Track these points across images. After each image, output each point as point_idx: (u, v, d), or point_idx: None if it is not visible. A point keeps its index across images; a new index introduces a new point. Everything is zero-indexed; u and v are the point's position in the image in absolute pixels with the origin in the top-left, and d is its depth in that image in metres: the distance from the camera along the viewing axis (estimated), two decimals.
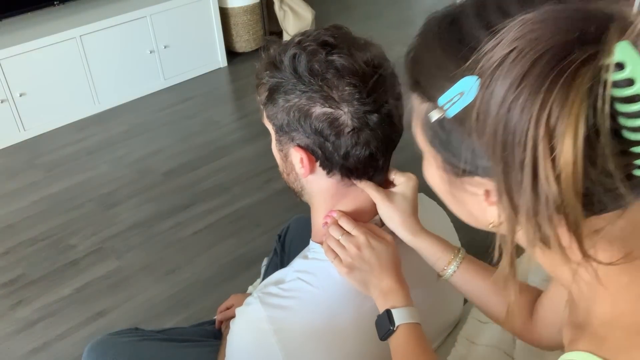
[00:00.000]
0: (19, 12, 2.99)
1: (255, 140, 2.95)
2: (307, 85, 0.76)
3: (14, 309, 2.07)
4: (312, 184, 0.85)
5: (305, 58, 0.76)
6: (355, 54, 0.77)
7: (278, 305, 0.83)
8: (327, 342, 0.83)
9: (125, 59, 3.28)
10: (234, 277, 2.13)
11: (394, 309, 0.79)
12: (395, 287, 0.80)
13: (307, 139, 0.79)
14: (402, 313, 0.78)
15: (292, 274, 0.86)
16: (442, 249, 0.86)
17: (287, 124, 0.79)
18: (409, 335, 0.78)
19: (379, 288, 0.81)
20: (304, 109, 0.77)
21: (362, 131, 0.77)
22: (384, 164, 0.84)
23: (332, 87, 0.75)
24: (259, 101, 0.84)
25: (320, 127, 0.77)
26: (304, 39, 0.78)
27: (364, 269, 0.81)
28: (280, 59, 0.79)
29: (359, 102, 0.76)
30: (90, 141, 3.03)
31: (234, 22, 3.64)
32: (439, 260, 0.86)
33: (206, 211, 2.47)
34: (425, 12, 0.54)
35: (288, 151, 0.83)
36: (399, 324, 0.78)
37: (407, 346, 0.77)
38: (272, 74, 0.80)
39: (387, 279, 0.80)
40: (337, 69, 0.75)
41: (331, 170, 0.82)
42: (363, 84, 0.76)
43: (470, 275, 0.86)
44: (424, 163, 0.59)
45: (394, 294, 0.80)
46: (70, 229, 2.42)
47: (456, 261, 0.86)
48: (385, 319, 0.79)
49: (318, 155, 0.80)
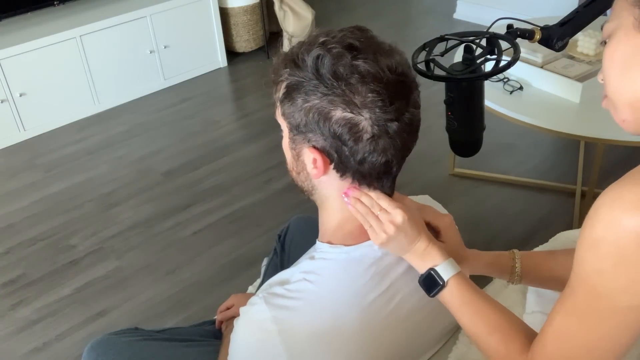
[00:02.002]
0: (19, 12, 3.00)
1: (255, 140, 2.95)
2: (329, 88, 0.75)
3: (14, 309, 2.07)
4: (324, 184, 0.85)
5: (329, 60, 0.75)
6: (381, 60, 0.76)
7: (283, 305, 0.82)
8: (332, 343, 0.83)
9: (125, 59, 3.28)
10: (234, 277, 2.13)
11: (437, 267, 0.83)
12: (429, 246, 0.84)
13: (323, 142, 0.78)
14: (446, 268, 0.83)
15: (298, 274, 0.86)
16: (497, 257, 0.96)
17: (305, 124, 0.78)
18: (460, 286, 0.82)
19: (414, 251, 0.84)
20: (324, 112, 0.76)
21: (380, 138, 0.77)
22: (397, 171, 0.84)
23: (355, 93, 0.75)
24: (275, 97, 0.83)
25: (339, 132, 0.76)
26: (329, 40, 0.77)
27: (400, 239, 0.83)
28: (303, 58, 0.78)
29: (381, 109, 0.75)
30: (90, 141, 3.04)
31: (234, 22, 3.64)
32: (504, 272, 0.96)
33: (206, 211, 2.47)
34: (425, 12, 0.54)
35: (301, 151, 0.82)
36: (447, 279, 0.82)
37: (462, 295, 0.82)
38: (292, 72, 0.79)
39: (420, 242, 0.84)
40: (361, 74, 0.75)
41: (344, 174, 0.81)
42: (386, 91, 0.75)
43: (533, 258, 0.96)
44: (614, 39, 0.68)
45: (430, 253, 0.83)
46: (70, 229, 2.42)
47: (517, 263, 0.94)
48: (431, 278, 0.83)
49: (333, 158, 0.79)
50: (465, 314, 0.82)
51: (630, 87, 0.67)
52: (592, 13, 1.17)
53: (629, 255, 0.59)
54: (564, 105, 2.04)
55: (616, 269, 0.61)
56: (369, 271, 0.86)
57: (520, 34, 1.14)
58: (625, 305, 0.62)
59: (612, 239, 0.60)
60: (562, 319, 0.69)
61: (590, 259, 0.63)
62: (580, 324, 0.67)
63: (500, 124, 2.27)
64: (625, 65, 0.67)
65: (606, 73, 0.70)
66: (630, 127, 0.70)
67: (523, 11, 3.58)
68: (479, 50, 1.10)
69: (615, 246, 0.60)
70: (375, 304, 0.85)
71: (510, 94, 2.14)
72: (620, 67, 0.67)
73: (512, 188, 2.48)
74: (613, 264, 0.60)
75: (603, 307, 0.64)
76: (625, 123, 0.70)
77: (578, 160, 2.52)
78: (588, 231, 0.63)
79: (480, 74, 1.08)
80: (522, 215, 2.32)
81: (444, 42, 1.15)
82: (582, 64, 2.12)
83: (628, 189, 0.60)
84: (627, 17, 0.66)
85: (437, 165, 2.60)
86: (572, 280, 0.68)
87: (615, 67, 0.68)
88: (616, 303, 0.63)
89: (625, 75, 0.67)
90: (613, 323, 0.64)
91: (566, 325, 0.69)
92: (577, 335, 0.68)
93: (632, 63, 0.66)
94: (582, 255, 0.64)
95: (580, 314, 0.67)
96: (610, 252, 0.60)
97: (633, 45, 0.65)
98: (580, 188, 2.34)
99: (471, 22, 4.00)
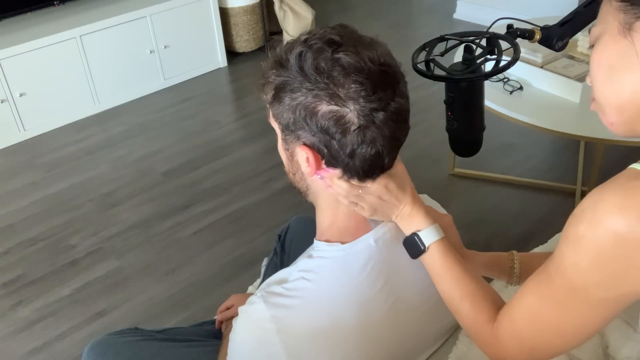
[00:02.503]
0: (19, 12, 3.00)
1: (255, 140, 2.95)
2: (313, 83, 0.76)
3: (14, 309, 2.07)
4: (317, 183, 0.85)
5: (311, 56, 0.76)
6: (361, 51, 0.76)
7: (281, 304, 0.82)
8: (330, 342, 0.83)
9: (125, 59, 3.28)
10: (234, 277, 2.13)
11: (420, 232, 0.85)
12: (414, 210, 0.86)
13: (313, 138, 0.79)
14: (428, 233, 0.85)
15: (296, 273, 0.86)
16: (496, 258, 0.98)
17: (293, 122, 0.79)
18: (440, 253, 0.85)
19: (400, 215, 0.87)
20: (309, 107, 0.77)
21: (368, 129, 0.77)
22: (389, 163, 0.84)
23: (338, 85, 0.75)
24: (265, 100, 0.84)
25: (326, 125, 0.77)
26: (310, 37, 0.78)
27: (386, 207, 0.86)
28: (287, 57, 0.78)
29: (365, 99, 0.75)
30: (90, 141, 3.04)
31: (234, 22, 3.64)
32: (503, 273, 0.97)
33: (206, 211, 2.47)
34: (425, 12, 0.54)
35: (294, 150, 0.82)
36: (429, 244, 0.84)
37: (442, 261, 0.85)
38: (278, 73, 0.79)
39: (406, 206, 0.86)
40: (343, 66, 0.75)
41: (336, 169, 0.82)
42: (369, 81, 0.75)
43: (532, 258, 0.97)
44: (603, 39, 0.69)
45: (414, 217, 0.86)
46: (70, 229, 2.42)
47: (516, 264, 0.96)
48: (414, 241, 0.86)
49: (324, 153, 0.80)
50: (444, 278, 0.85)
51: (617, 90, 0.68)
52: (592, 13, 1.16)
53: (606, 252, 0.63)
54: (564, 105, 2.04)
55: (594, 265, 0.64)
56: (367, 267, 0.86)
57: (520, 34, 1.14)
58: (600, 297, 0.66)
59: (592, 237, 0.64)
60: (536, 300, 0.73)
61: (570, 253, 0.67)
62: (553, 310, 0.71)
63: (500, 124, 2.27)
64: (611, 69, 0.68)
65: (593, 77, 0.71)
66: (619, 129, 0.72)
67: (523, 11, 3.58)
68: (479, 50, 1.10)
69: (595, 244, 0.64)
70: (374, 301, 0.85)
71: (510, 94, 2.14)
72: (606, 71, 0.69)
73: (512, 188, 2.48)
74: (591, 260, 0.64)
75: (579, 298, 0.68)
76: (613, 126, 0.72)
77: (578, 160, 2.52)
78: (572, 228, 0.67)
79: (480, 74, 1.08)
80: (522, 215, 2.32)
81: (444, 42, 1.15)
82: (582, 64, 2.12)
83: (612, 191, 0.64)
84: (613, 21, 0.67)
85: (437, 165, 2.60)
86: (549, 268, 0.71)
87: (602, 71, 0.70)
88: (591, 295, 0.67)
89: (611, 78, 0.69)
90: (586, 312, 0.69)
91: (539, 307, 0.73)
92: (549, 318, 0.72)
93: (618, 67, 0.67)
94: (563, 250, 0.68)
95: (555, 301, 0.71)
96: (590, 249, 0.64)
97: (618, 50, 0.67)
98: (580, 188, 2.34)
99: (471, 22, 4.00)
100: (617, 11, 0.67)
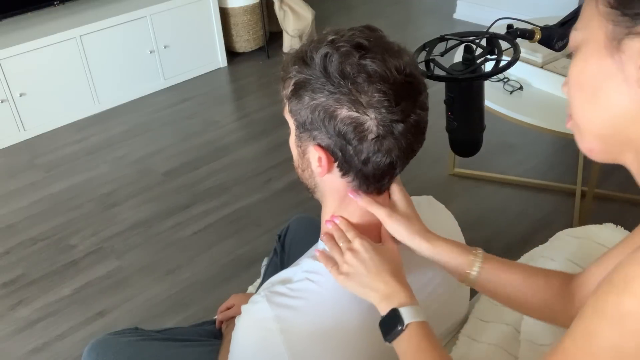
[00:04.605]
0: (19, 12, 3.00)
1: (255, 140, 2.95)
2: (336, 86, 0.75)
3: (14, 309, 2.07)
4: (326, 182, 0.85)
5: (337, 59, 0.75)
6: (388, 60, 0.75)
7: (285, 304, 0.82)
8: (334, 343, 0.83)
9: (125, 59, 3.28)
10: (234, 277, 2.13)
11: (402, 308, 0.76)
12: (398, 287, 0.78)
13: (328, 140, 0.78)
14: (410, 311, 0.76)
15: (301, 274, 0.86)
16: (460, 252, 0.84)
17: (311, 122, 0.79)
18: (420, 334, 0.75)
19: (379, 291, 0.78)
20: (329, 110, 0.76)
21: (385, 139, 0.77)
22: (399, 172, 0.84)
23: (361, 92, 0.75)
24: (283, 94, 0.83)
25: (344, 130, 0.76)
26: (337, 38, 0.77)
27: (360, 272, 0.79)
28: (311, 55, 0.78)
29: (387, 110, 0.75)
30: (90, 141, 3.04)
31: (234, 22, 3.64)
32: (461, 265, 0.84)
33: (206, 211, 2.47)
34: (425, 12, 0.54)
35: (307, 148, 0.82)
36: (408, 323, 0.75)
37: (419, 345, 0.74)
38: (300, 70, 0.79)
39: (388, 281, 0.78)
40: (368, 73, 0.74)
41: (347, 173, 0.81)
42: (392, 92, 0.75)
43: (496, 272, 0.83)
44: (578, 57, 0.59)
45: (397, 295, 0.78)
46: (70, 229, 2.42)
47: (478, 261, 0.83)
48: (392, 319, 0.76)
49: (337, 156, 0.79)
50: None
51: (600, 117, 0.57)
52: None
53: None
54: (564, 105, 2.03)
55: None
56: None
57: (520, 34, 1.15)
58: None
59: None
60: None
61: (608, 333, 0.52)
62: None
63: (500, 124, 2.27)
64: (595, 91, 0.57)
65: (572, 94, 0.61)
66: (598, 156, 0.61)
67: (523, 11, 3.58)
68: (479, 50, 1.10)
69: None
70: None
71: (510, 94, 2.14)
72: (589, 92, 0.58)
73: (512, 188, 2.48)
74: (639, 344, 0.51)
75: None
76: (592, 152, 0.62)
77: (578, 160, 2.51)
78: (612, 301, 0.52)
79: (480, 74, 1.09)
80: (522, 215, 2.32)
81: (444, 42, 1.15)
82: None
83: None
84: (597, 30, 0.56)
85: (437, 165, 2.60)
86: (568, 350, 0.56)
87: (584, 91, 0.58)
88: None
89: (594, 103, 0.58)
90: None
91: None
92: None
93: (602, 89, 0.56)
94: (596, 327, 0.53)
95: None
96: (638, 331, 0.50)
97: (602, 69, 0.56)
98: (580, 188, 2.34)
99: (471, 22, 3.99)
100: (604, 18, 0.55)
